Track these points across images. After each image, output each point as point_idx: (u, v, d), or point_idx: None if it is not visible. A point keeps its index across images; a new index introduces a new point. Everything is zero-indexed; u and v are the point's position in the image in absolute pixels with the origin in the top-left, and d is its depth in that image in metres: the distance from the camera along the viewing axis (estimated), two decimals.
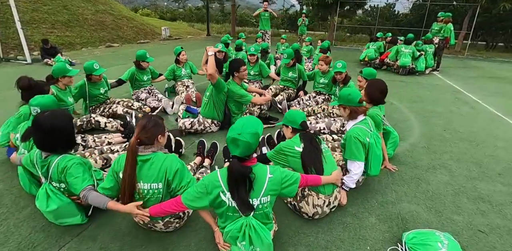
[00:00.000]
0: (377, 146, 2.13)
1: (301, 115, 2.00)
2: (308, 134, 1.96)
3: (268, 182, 1.49)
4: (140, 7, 28.60)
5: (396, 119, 4.02)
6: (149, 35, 13.77)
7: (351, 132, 2.09)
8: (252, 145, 1.45)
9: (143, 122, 1.64)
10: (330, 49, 7.02)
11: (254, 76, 4.69)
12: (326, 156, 1.93)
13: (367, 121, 2.18)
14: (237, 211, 1.48)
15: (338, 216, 2.04)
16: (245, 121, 1.50)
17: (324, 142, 2.05)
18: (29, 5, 9.78)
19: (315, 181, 1.76)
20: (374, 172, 2.17)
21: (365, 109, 2.18)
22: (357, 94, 2.12)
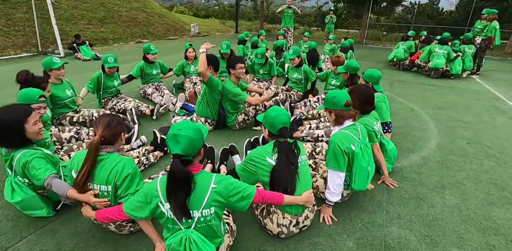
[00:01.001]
0: (364, 156, 1.85)
1: (283, 119, 1.69)
2: (286, 145, 1.67)
3: (211, 193, 1.34)
4: (177, 4, 29.58)
5: (412, 127, 3.59)
6: (179, 31, 14.13)
7: (333, 137, 1.86)
8: (195, 142, 1.32)
9: (107, 120, 1.60)
10: (352, 48, 6.59)
11: (263, 75, 4.52)
12: (301, 172, 1.69)
13: (356, 127, 1.93)
14: (176, 223, 1.35)
15: (311, 235, 1.82)
16: (187, 121, 1.41)
17: (305, 153, 1.82)
18: (70, 3, 10.51)
19: (275, 200, 1.54)
20: (358, 187, 1.90)
21: (353, 113, 1.92)
22: (343, 96, 1.87)
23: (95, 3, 11.25)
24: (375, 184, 2.36)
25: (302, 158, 1.74)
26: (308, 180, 1.76)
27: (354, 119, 1.95)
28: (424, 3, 16.78)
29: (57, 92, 2.95)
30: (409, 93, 5.11)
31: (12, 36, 8.41)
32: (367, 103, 2.26)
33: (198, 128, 1.38)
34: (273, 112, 1.70)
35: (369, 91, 2.29)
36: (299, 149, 1.72)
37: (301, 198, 1.63)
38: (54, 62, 2.94)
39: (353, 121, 1.94)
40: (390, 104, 4.38)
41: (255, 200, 1.45)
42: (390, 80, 6.04)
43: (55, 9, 9.95)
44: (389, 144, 2.42)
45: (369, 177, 1.94)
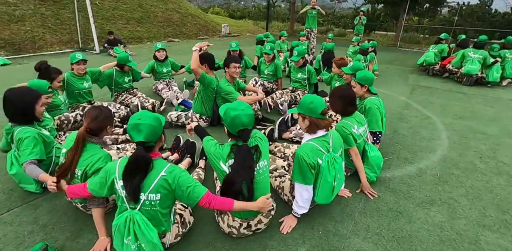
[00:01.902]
0: (331, 171, 1.73)
1: (243, 120, 1.54)
2: (244, 150, 1.55)
3: (159, 179, 1.42)
4: (214, 6, 30.52)
5: (419, 136, 3.31)
6: (210, 31, 14.57)
7: (299, 150, 1.73)
8: (156, 129, 1.42)
9: (94, 113, 1.73)
10: (375, 50, 6.25)
11: (268, 76, 4.47)
12: (258, 181, 1.61)
13: (328, 138, 1.80)
14: (124, 201, 1.45)
15: (264, 237, 1.78)
16: (145, 111, 1.50)
17: (267, 158, 1.70)
18: (112, 4, 11.40)
19: (224, 207, 1.49)
20: (320, 200, 1.80)
21: (327, 123, 1.78)
22: (321, 103, 1.73)
23: (134, 4, 12.06)
24: (353, 193, 2.23)
25: (261, 165, 1.64)
26: (265, 188, 1.67)
27: (327, 129, 1.81)
28: (474, 4, 15.28)
29: (76, 82, 3.27)
30: (430, 100, 4.71)
31: (59, 33, 9.36)
32: (349, 104, 2.16)
33: (156, 116, 1.48)
34: (234, 112, 1.56)
35: (350, 92, 2.18)
36: (260, 154, 1.61)
37: (254, 204, 1.55)
38: (75, 57, 3.28)
39: (326, 131, 1.81)
40: (404, 110, 4.14)
41: (201, 202, 1.45)
42: (412, 85, 5.63)
43: (99, 10, 10.89)
44: (372, 151, 2.27)
45: (335, 191, 1.83)
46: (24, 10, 9.06)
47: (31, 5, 9.30)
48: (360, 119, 2.29)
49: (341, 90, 2.23)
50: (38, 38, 8.88)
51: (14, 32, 8.50)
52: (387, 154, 2.87)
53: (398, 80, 6.00)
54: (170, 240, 1.61)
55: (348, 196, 2.18)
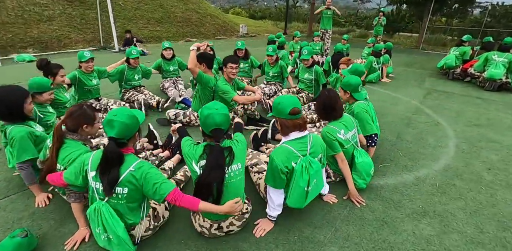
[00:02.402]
0: (304, 176, 1.66)
1: (216, 120, 1.51)
2: (217, 151, 1.52)
3: (127, 174, 1.46)
4: (236, 6, 30.79)
5: (424, 143, 3.13)
6: (228, 32, 14.72)
7: (273, 153, 1.68)
8: (129, 127, 1.46)
9: (73, 109, 1.79)
10: (390, 52, 6.00)
11: (273, 77, 4.42)
12: (229, 184, 1.58)
13: (306, 141, 1.73)
14: (94, 192, 1.51)
15: (237, 239, 1.75)
16: (124, 108, 1.53)
17: (242, 160, 1.65)
18: (134, 4, 11.83)
19: (189, 205, 1.47)
20: (292, 204, 1.75)
21: (299, 123, 1.69)
22: (288, 103, 1.66)
23: (155, 5, 12.44)
24: (340, 199, 2.14)
25: (234, 168, 1.59)
26: (236, 193, 1.63)
27: (303, 129, 1.73)
28: (508, 5, 14.26)
29: (87, 79, 3.41)
30: (444, 105, 4.44)
31: (84, 32, 9.85)
32: (331, 108, 2.08)
33: (132, 115, 1.50)
34: (207, 111, 1.55)
35: (331, 96, 2.10)
36: (233, 157, 1.58)
37: (220, 208, 1.52)
38: (84, 56, 3.42)
39: (301, 131, 1.73)
40: (413, 115, 3.93)
41: (167, 199, 1.46)
42: (428, 89, 5.34)
43: (121, 10, 11.34)
44: (360, 157, 2.17)
45: (309, 197, 1.76)
46: (53, 11, 9.62)
47: (60, 6, 9.86)
48: (349, 123, 2.20)
49: (323, 94, 2.16)
50: (64, 37, 9.40)
51: (43, 31, 9.05)
52: (384, 160, 2.74)
53: (413, 84, 5.73)
54: (140, 233, 1.63)
55: (333, 202, 2.10)
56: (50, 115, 2.61)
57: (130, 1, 11.73)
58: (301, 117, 1.71)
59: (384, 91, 5.14)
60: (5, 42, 8.24)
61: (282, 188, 1.72)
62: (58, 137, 1.70)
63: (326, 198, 2.11)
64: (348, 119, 2.22)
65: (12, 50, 8.10)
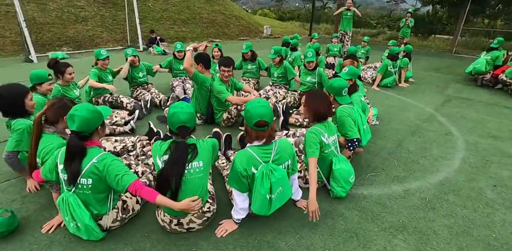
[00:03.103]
0: (265, 183, 1.61)
1: (181, 118, 1.55)
2: (181, 147, 1.57)
3: (90, 166, 1.54)
4: (265, 7, 30.90)
5: (427, 154, 2.91)
6: (252, 33, 14.83)
7: (236, 156, 1.69)
8: (90, 121, 1.53)
9: (53, 102, 1.91)
10: (409, 56, 5.66)
11: (278, 79, 4.36)
12: (189, 180, 1.60)
13: (270, 148, 1.69)
14: (63, 183, 1.61)
15: (198, 237, 1.76)
16: (86, 103, 1.61)
17: (206, 160, 1.66)
18: (163, 6, 12.35)
19: (147, 197, 1.52)
20: (256, 211, 1.72)
21: (263, 135, 1.65)
22: (256, 114, 1.59)
23: (182, 6, 12.90)
24: None
25: (195, 165, 1.62)
26: (196, 189, 1.64)
27: (266, 141, 1.67)
28: None
29: (102, 77, 3.63)
30: (462, 113, 4.09)
31: (114, 32, 10.49)
32: (315, 109, 2.02)
33: (93, 110, 1.58)
34: (173, 109, 1.61)
35: (315, 98, 2.03)
36: (196, 154, 1.61)
37: (177, 204, 1.55)
38: (101, 54, 3.65)
39: (265, 143, 1.67)
40: (423, 123, 3.67)
41: (129, 189, 1.52)
42: (449, 96, 4.95)
43: (150, 11, 11.91)
44: (338, 163, 2.07)
45: (273, 204, 1.72)
46: (88, 12, 10.37)
47: (94, 8, 10.60)
48: (331, 128, 2.12)
49: (307, 95, 2.09)
50: (96, 36, 10.08)
51: (78, 31, 9.78)
52: (376, 169, 2.59)
53: (434, 90, 5.35)
54: (107, 223, 1.72)
55: (305, 208, 2.03)
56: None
57: (159, 3, 12.28)
58: (269, 129, 1.66)
59: (397, 96, 4.86)
60: (44, 41, 9.03)
61: (245, 193, 1.71)
62: (36, 128, 1.79)
63: (299, 204, 2.04)
64: (331, 124, 2.15)
65: (50, 48, 8.85)
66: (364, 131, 2.45)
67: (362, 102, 2.89)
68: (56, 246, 1.70)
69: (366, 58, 7.22)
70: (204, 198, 1.73)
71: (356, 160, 2.69)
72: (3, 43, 8.57)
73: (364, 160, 2.74)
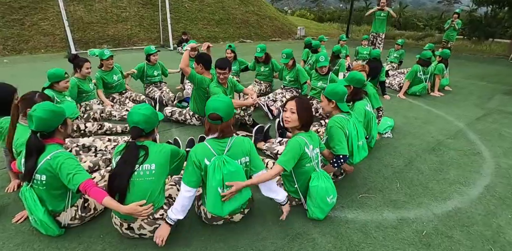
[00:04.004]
0: (216, 175, 1.55)
1: (134, 118, 1.54)
2: (132, 148, 1.56)
3: (44, 162, 1.56)
4: (306, 8, 30.39)
5: (441, 178, 2.48)
6: (285, 34, 14.59)
7: (193, 147, 1.70)
8: (47, 121, 1.55)
9: (25, 95, 1.98)
10: (445, 61, 5.02)
11: (290, 83, 4.13)
12: (137, 182, 1.55)
13: (225, 142, 1.65)
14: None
15: (147, 245, 1.66)
16: (47, 103, 1.62)
17: (160, 164, 1.60)
18: (198, 7, 12.70)
19: (95, 197, 1.49)
20: (209, 209, 1.63)
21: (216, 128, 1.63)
22: (211, 106, 1.62)
23: (217, 7, 13.13)
24: (286, 227, 1.85)
25: (146, 167, 1.56)
26: (145, 193, 1.57)
27: (219, 136, 1.63)
28: None
29: (107, 77, 3.75)
30: (501, 131, 3.47)
31: (150, 32, 11.04)
32: (307, 116, 1.83)
33: (51, 110, 1.58)
34: (132, 109, 1.60)
35: (308, 104, 1.86)
36: (147, 156, 1.56)
37: (122, 207, 1.50)
38: (104, 54, 3.76)
39: (218, 137, 1.63)
40: (447, 139, 3.19)
41: (80, 186, 1.50)
42: (489, 109, 4.27)
43: (186, 12, 12.32)
44: (316, 180, 1.82)
45: (227, 204, 1.60)
46: (129, 12, 11.05)
47: (135, 8, 11.26)
48: (315, 140, 1.89)
49: (299, 101, 1.87)
50: (134, 35, 10.69)
51: (118, 30, 10.47)
52: (371, 189, 2.27)
53: (472, 101, 4.66)
54: (65, 220, 1.73)
55: (282, 218, 1.83)
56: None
57: (195, 4, 12.65)
58: (223, 124, 1.61)
59: (424, 106, 4.31)
60: (88, 39, 9.82)
61: (192, 187, 1.60)
62: (13, 118, 1.80)
63: (284, 209, 1.83)
64: (314, 135, 1.92)
65: (92, 45, 9.59)
66: (359, 148, 2.15)
67: (368, 112, 2.58)
68: (19, 236, 1.75)
69: (399, 63, 6.61)
70: (157, 204, 1.65)
71: (350, 177, 2.39)
72: (53, 40, 9.49)
73: (361, 178, 2.43)
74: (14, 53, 8.72)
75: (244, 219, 1.88)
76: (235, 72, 4.84)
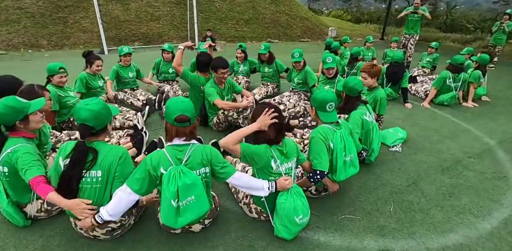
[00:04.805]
0: (170, 186, 1.41)
1: (80, 114, 1.44)
2: (80, 146, 1.47)
3: (5, 155, 1.59)
4: (344, 8, 29.34)
5: (452, 205, 2.12)
6: (315, 34, 14.15)
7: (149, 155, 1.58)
8: (5, 116, 1.57)
9: (30, 88, 2.05)
10: (482, 68, 4.41)
11: (298, 85, 3.89)
12: (85, 188, 1.49)
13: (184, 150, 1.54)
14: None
15: (100, 247, 1.61)
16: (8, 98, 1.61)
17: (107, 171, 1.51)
18: (229, 6, 12.80)
19: (40, 193, 1.47)
20: (164, 221, 1.51)
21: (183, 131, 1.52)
22: (176, 108, 1.50)
23: (247, 7, 13.13)
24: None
25: (93, 174, 1.48)
26: (93, 200, 1.51)
27: (188, 139, 1.53)
28: None
29: (123, 72, 3.87)
30: None
31: (180, 30, 11.35)
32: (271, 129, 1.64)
33: (11, 106, 1.59)
34: (78, 105, 1.50)
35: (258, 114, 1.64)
36: (94, 163, 1.47)
37: (64, 201, 1.46)
38: (122, 50, 3.87)
39: (185, 140, 1.53)
40: (468, 158, 2.77)
41: (29, 181, 1.49)
42: None
43: (216, 11, 12.49)
44: (284, 197, 1.64)
45: (183, 217, 1.47)
46: (162, 12, 11.48)
47: (167, 8, 11.67)
48: (290, 152, 1.71)
49: (259, 108, 1.70)
50: (164, 34, 11.08)
51: (150, 28, 10.92)
52: (359, 210, 2.00)
53: None
54: (32, 211, 1.75)
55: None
56: (69, 98, 3.01)
57: (226, 3, 12.77)
58: (191, 125, 1.52)
59: (451, 118, 3.81)
60: (122, 36, 10.38)
61: (138, 193, 1.46)
62: None
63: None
64: (291, 146, 1.72)
65: (124, 43, 10.09)
66: (345, 164, 1.89)
67: (367, 122, 2.30)
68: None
69: (432, 68, 5.98)
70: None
71: (338, 193, 2.13)
72: (91, 37, 10.16)
73: (350, 196, 2.16)
74: (56, 48, 9.49)
75: (205, 230, 1.75)
76: (245, 73, 4.72)
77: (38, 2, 9.92)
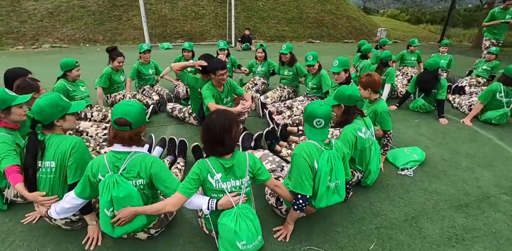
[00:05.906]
0: (104, 196, 1.40)
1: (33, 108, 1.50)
2: (31, 139, 1.56)
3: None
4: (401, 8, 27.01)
5: (458, 248, 1.70)
6: (363, 35, 13.22)
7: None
8: None
9: (26, 83, 2.20)
10: None
11: (312, 90, 3.58)
12: (42, 178, 1.57)
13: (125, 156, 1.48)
14: None
15: (64, 238, 1.66)
16: None
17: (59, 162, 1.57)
18: (272, 5, 12.64)
19: (11, 182, 1.57)
20: (101, 226, 1.50)
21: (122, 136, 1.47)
22: (118, 111, 1.45)
23: (291, 6, 12.82)
24: None
25: (48, 164, 1.55)
26: (48, 189, 1.59)
27: (127, 145, 1.47)
28: None
29: (143, 69, 4.02)
30: None
31: (222, 28, 11.57)
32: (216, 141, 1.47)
33: None
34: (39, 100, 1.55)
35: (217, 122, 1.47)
36: (43, 153, 1.54)
37: (26, 194, 1.55)
38: (141, 47, 4.01)
39: (124, 146, 1.47)
40: (500, 194, 2.26)
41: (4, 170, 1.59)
42: None
43: (259, 10, 12.43)
44: (227, 218, 1.44)
45: (119, 228, 1.43)
46: (206, 10, 11.83)
47: (212, 6, 11.98)
48: (239, 168, 1.52)
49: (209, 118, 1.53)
50: (206, 32, 11.42)
51: (193, 26, 11.35)
52: (327, 243, 1.71)
53: None
54: (9, 195, 1.89)
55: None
56: (79, 92, 3.12)
57: (269, 2, 12.64)
58: (132, 131, 1.44)
59: (495, 141, 3.12)
60: (166, 33, 10.97)
61: (79, 197, 1.49)
62: None
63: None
64: (241, 162, 1.53)
65: (168, 40, 10.67)
66: (329, 190, 1.60)
67: (361, 140, 1.97)
68: None
69: (490, 78, 5.04)
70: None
71: (311, 218, 1.86)
72: (140, 34, 10.92)
73: (327, 223, 1.86)
74: (110, 43, 10.43)
75: (153, 239, 1.66)
76: (263, 73, 4.54)
77: (99, 1, 11.00)
